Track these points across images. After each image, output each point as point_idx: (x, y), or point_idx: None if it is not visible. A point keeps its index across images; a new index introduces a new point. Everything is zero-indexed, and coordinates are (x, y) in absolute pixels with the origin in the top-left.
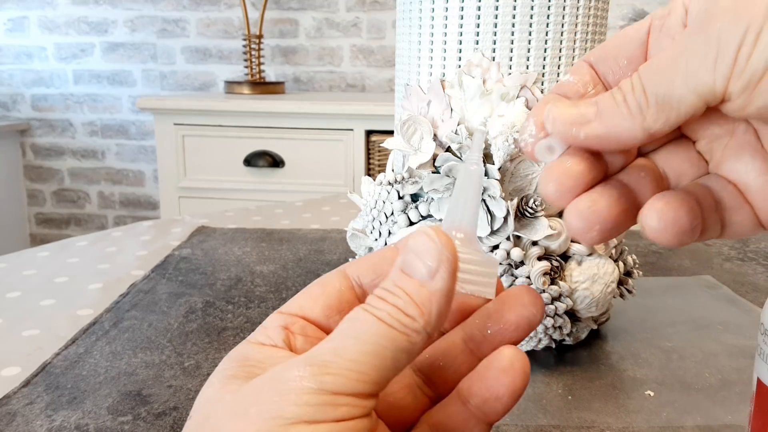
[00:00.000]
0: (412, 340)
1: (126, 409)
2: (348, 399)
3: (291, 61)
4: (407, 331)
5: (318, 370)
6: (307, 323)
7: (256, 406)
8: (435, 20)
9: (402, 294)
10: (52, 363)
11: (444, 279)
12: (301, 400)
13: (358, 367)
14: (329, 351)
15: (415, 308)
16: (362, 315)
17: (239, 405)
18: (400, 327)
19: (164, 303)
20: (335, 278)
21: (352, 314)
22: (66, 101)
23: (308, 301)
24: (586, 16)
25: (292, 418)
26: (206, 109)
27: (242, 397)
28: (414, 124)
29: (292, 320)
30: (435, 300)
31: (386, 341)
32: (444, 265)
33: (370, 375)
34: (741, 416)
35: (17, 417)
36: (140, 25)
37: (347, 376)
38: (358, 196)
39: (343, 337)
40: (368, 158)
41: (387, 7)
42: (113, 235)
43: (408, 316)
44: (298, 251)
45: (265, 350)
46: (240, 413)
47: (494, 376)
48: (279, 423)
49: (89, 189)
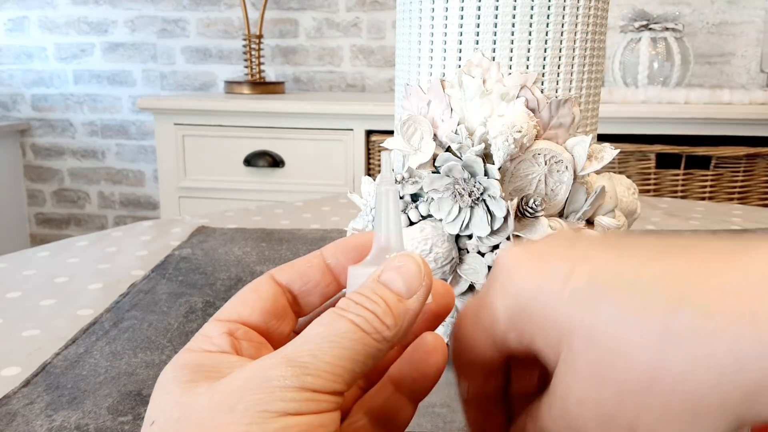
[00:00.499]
0: (381, 347)
1: (126, 409)
2: (325, 396)
3: (291, 61)
4: (379, 338)
5: (299, 371)
6: (247, 329)
7: (242, 402)
8: (435, 20)
9: (382, 303)
10: (52, 363)
11: (420, 301)
12: (285, 397)
13: (334, 369)
14: (308, 353)
15: (392, 318)
16: (338, 320)
17: (222, 403)
18: (374, 334)
19: (164, 303)
20: (267, 284)
21: (327, 319)
22: (66, 101)
23: (245, 307)
24: (586, 16)
25: (279, 411)
26: (206, 109)
27: (223, 397)
28: (414, 124)
29: (235, 327)
30: (408, 316)
31: (360, 346)
32: (423, 289)
33: (344, 376)
34: None
35: (17, 417)
36: (140, 25)
37: (324, 377)
38: (358, 196)
39: (319, 340)
40: (368, 158)
41: (387, 7)
42: (113, 235)
43: (383, 324)
44: (298, 251)
45: (214, 357)
46: (225, 410)
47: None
48: (267, 416)
49: (89, 189)
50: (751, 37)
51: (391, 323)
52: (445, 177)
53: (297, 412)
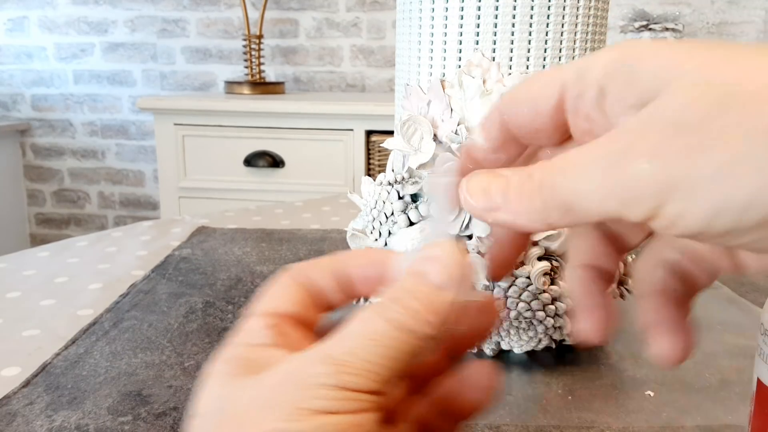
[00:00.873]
0: (423, 345)
1: (126, 409)
2: (364, 395)
3: (291, 61)
4: (421, 336)
5: (337, 369)
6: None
7: (280, 398)
8: (435, 20)
9: (421, 299)
10: (52, 363)
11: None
12: (323, 395)
13: (373, 367)
14: (347, 351)
15: (433, 315)
16: (377, 317)
17: (261, 398)
18: (415, 332)
19: (164, 303)
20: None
21: (365, 315)
22: (66, 101)
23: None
24: (586, 16)
25: (315, 409)
26: (206, 109)
27: (264, 391)
28: (414, 124)
29: (274, 320)
30: (449, 308)
31: (400, 344)
32: (460, 280)
33: (383, 375)
34: (741, 416)
35: (17, 417)
36: (140, 25)
37: (363, 375)
38: (358, 196)
39: (358, 338)
40: (368, 158)
41: (387, 7)
42: (113, 235)
43: (424, 321)
44: (298, 251)
45: (257, 350)
46: (265, 405)
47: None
48: (304, 413)
49: (89, 189)
50: (751, 37)
51: (432, 319)
52: None
53: (333, 411)
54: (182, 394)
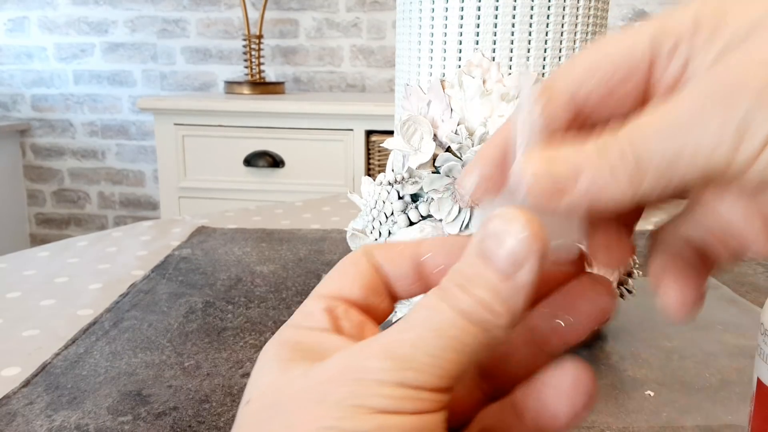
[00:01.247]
0: (494, 336)
1: (126, 409)
2: (427, 394)
3: (291, 61)
4: (491, 327)
5: (399, 365)
6: (348, 306)
7: (334, 394)
8: (435, 20)
9: (487, 286)
10: (52, 363)
11: (532, 272)
12: (382, 392)
13: (439, 362)
14: (408, 344)
15: (502, 304)
16: (442, 305)
17: (313, 392)
18: (484, 323)
19: (164, 303)
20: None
21: (429, 302)
22: (66, 101)
23: (345, 282)
24: (586, 16)
25: (374, 408)
26: (206, 109)
27: (315, 384)
28: (414, 124)
29: (334, 303)
30: (522, 295)
31: (468, 337)
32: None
33: (449, 370)
34: (741, 416)
35: (17, 417)
36: (140, 25)
37: (428, 371)
38: (358, 196)
39: (421, 329)
40: (368, 158)
41: (387, 7)
42: (113, 235)
43: (493, 312)
44: (298, 251)
45: (314, 335)
46: (316, 400)
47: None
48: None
49: (89, 189)
50: None
51: (501, 310)
52: (445, 177)
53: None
54: (182, 394)
